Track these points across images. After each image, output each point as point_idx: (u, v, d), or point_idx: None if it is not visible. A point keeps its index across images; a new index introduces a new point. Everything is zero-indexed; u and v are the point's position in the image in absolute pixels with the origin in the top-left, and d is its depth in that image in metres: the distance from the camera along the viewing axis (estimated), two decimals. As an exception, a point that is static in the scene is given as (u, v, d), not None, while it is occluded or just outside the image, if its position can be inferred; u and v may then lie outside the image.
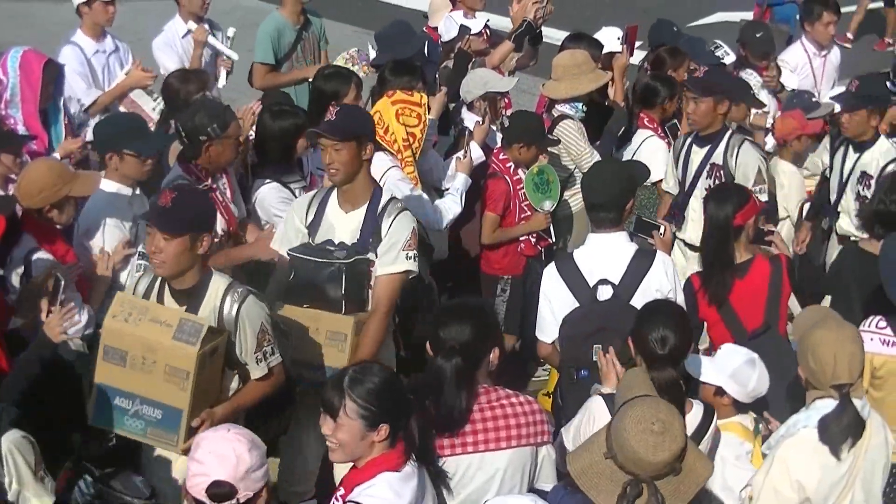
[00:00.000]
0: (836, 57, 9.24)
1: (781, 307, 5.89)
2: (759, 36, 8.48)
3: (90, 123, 7.52)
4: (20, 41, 8.13)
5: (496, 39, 8.34)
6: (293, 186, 6.34)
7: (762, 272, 5.89)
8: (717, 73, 7.25)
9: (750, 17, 11.44)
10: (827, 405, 4.44)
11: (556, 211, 7.20)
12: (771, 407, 5.11)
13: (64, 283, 4.99)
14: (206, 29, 8.12)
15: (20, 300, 5.28)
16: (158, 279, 4.92)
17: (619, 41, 8.14)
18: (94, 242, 5.73)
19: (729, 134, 6.95)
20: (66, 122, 7.23)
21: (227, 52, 8.23)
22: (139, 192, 5.94)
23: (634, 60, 8.34)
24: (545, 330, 5.41)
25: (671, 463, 3.66)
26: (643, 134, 7.62)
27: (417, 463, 4.10)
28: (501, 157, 7.14)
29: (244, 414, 4.97)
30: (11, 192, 5.74)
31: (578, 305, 5.26)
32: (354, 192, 5.43)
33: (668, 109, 7.76)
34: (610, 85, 7.81)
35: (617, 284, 5.26)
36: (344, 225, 5.45)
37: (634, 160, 7.05)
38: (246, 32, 8.67)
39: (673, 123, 7.83)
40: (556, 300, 5.34)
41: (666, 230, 6.22)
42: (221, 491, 3.83)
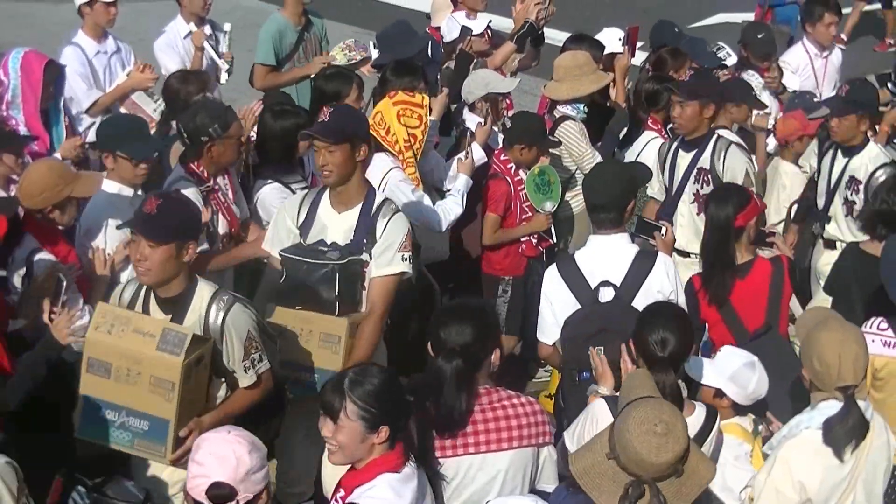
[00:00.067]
0: (837, 58, 9.23)
1: (782, 308, 5.88)
2: (760, 37, 8.47)
3: (91, 124, 7.54)
4: (20, 41, 8.14)
5: (498, 40, 8.32)
6: (294, 187, 6.33)
7: (763, 273, 5.88)
8: (702, 76, 7.22)
9: (751, 18, 11.45)
10: (831, 407, 4.44)
11: (557, 212, 7.19)
12: (771, 407, 5.10)
13: (66, 283, 4.99)
14: (204, 34, 8.12)
15: (22, 301, 5.27)
16: (144, 287, 4.86)
17: (620, 42, 8.13)
18: (95, 243, 5.72)
19: (715, 138, 6.91)
20: (66, 122, 7.23)
21: (219, 62, 8.20)
22: (140, 192, 5.93)
23: (636, 61, 8.33)
24: (546, 331, 5.40)
25: (674, 464, 3.66)
26: (648, 135, 7.60)
27: (416, 464, 4.09)
28: (502, 157, 7.14)
29: (233, 421, 4.87)
30: (13, 192, 5.74)
31: (580, 307, 5.26)
32: (348, 193, 5.38)
33: None
34: (611, 86, 7.80)
35: (618, 286, 5.25)
36: (336, 225, 5.40)
37: (636, 161, 7.04)
38: (246, 32, 8.68)
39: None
40: (557, 301, 5.34)
41: (667, 231, 6.21)
42: (221, 492, 3.82)
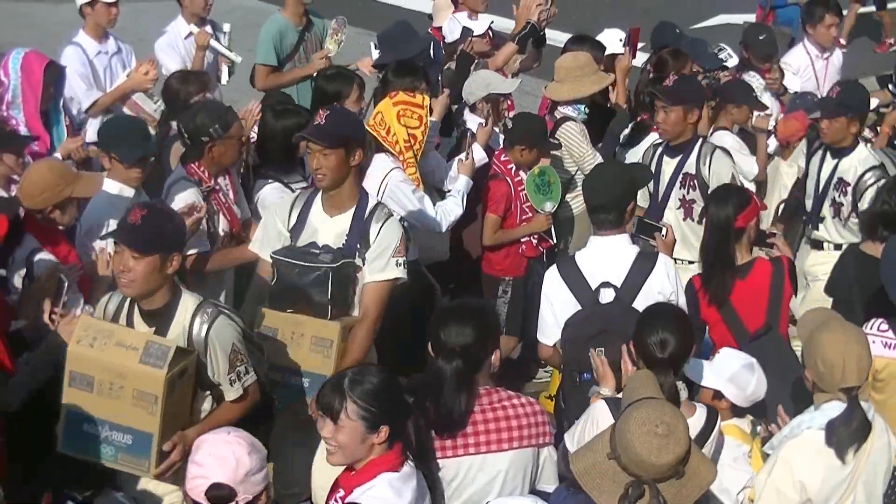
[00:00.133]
0: (838, 59, 9.22)
1: (783, 308, 5.87)
2: (761, 38, 8.47)
3: (91, 124, 7.54)
4: (20, 41, 8.14)
5: (499, 41, 8.32)
6: (295, 186, 6.30)
7: (763, 273, 5.88)
8: (686, 81, 7.17)
9: (752, 19, 11.45)
10: (834, 408, 4.44)
11: (557, 212, 7.19)
12: (771, 407, 5.10)
13: (67, 284, 4.98)
14: (207, 33, 8.12)
15: (22, 301, 5.27)
16: (128, 299, 4.77)
17: (621, 43, 8.13)
18: (96, 243, 5.72)
19: (700, 142, 6.88)
20: (67, 122, 7.23)
21: (229, 54, 8.22)
22: (142, 193, 5.94)
23: (637, 62, 8.33)
24: (546, 332, 5.40)
25: (674, 466, 3.66)
26: (652, 136, 7.58)
27: (414, 463, 4.09)
28: (503, 158, 7.14)
29: None
30: (14, 192, 5.74)
31: (580, 308, 5.25)
32: (341, 197, 5.31)
33: None
34: (612, 87, 7.79)
35: (619, 287, 5.25)
36: (328, 229, 5.32)
37: (637, 163, 7.03)
38: (246, 32, 8.68)
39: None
40: (557, 302, 5.33)
41: (668, 232, 6.21)
42: (221, 494, 3.82)
